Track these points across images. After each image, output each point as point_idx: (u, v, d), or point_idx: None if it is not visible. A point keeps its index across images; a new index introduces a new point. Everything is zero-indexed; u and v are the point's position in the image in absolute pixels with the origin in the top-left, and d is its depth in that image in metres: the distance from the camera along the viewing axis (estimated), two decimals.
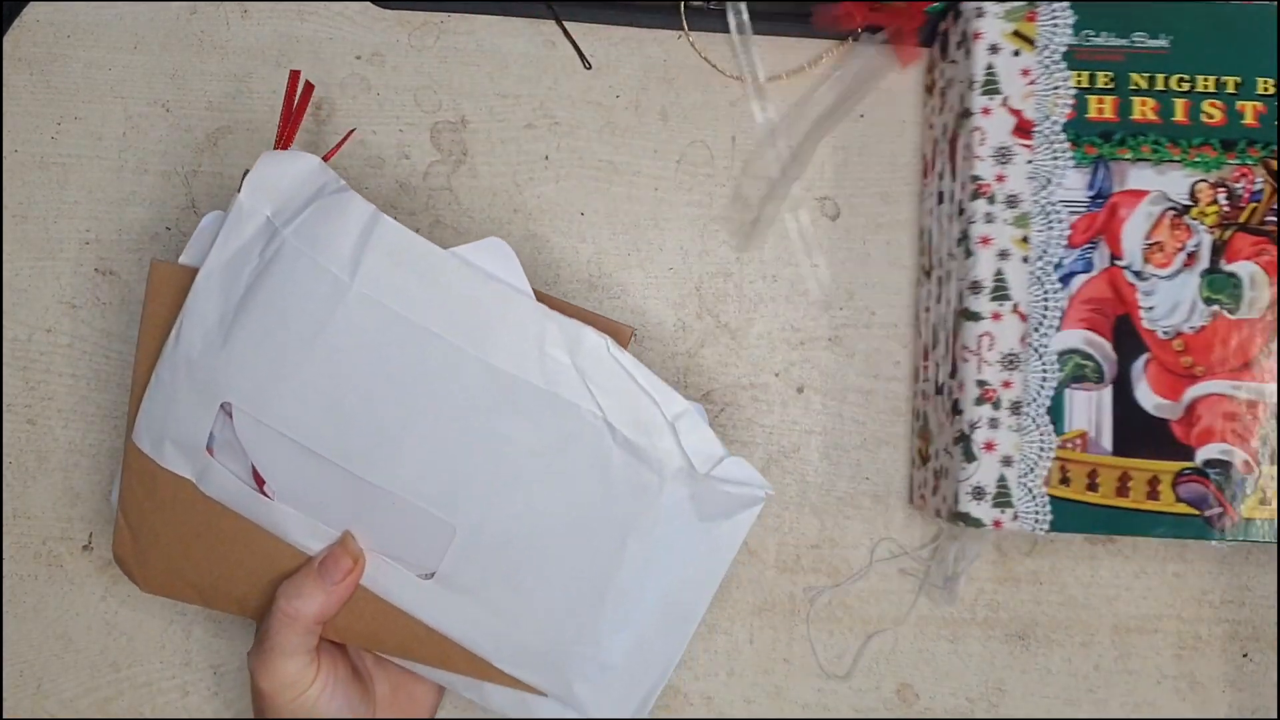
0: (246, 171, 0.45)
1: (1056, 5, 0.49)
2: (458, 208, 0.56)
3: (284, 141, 0.46)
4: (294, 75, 0.47)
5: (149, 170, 0.56)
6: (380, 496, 0.45)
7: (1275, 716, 0.55)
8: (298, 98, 0.47)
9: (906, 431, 0.56)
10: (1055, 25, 0.49)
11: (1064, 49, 0.49)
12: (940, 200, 0.53)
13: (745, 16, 0.54)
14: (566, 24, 0.56)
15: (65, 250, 0.55)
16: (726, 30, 0.56)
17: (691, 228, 0.56)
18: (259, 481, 0.46)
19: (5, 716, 0.54)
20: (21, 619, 0.55)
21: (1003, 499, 0.48)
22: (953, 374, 0.50)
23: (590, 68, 0.57)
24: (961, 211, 0.50)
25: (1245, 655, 0.56)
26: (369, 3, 0.56)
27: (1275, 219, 0.49)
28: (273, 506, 0.45)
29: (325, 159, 0.45)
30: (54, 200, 0.56)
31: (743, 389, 0.56)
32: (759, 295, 0.56)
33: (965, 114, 0.50)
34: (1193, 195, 0.49)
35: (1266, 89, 0.49)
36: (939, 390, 0.52)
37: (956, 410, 0.49)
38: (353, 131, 0.49)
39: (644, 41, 0.57)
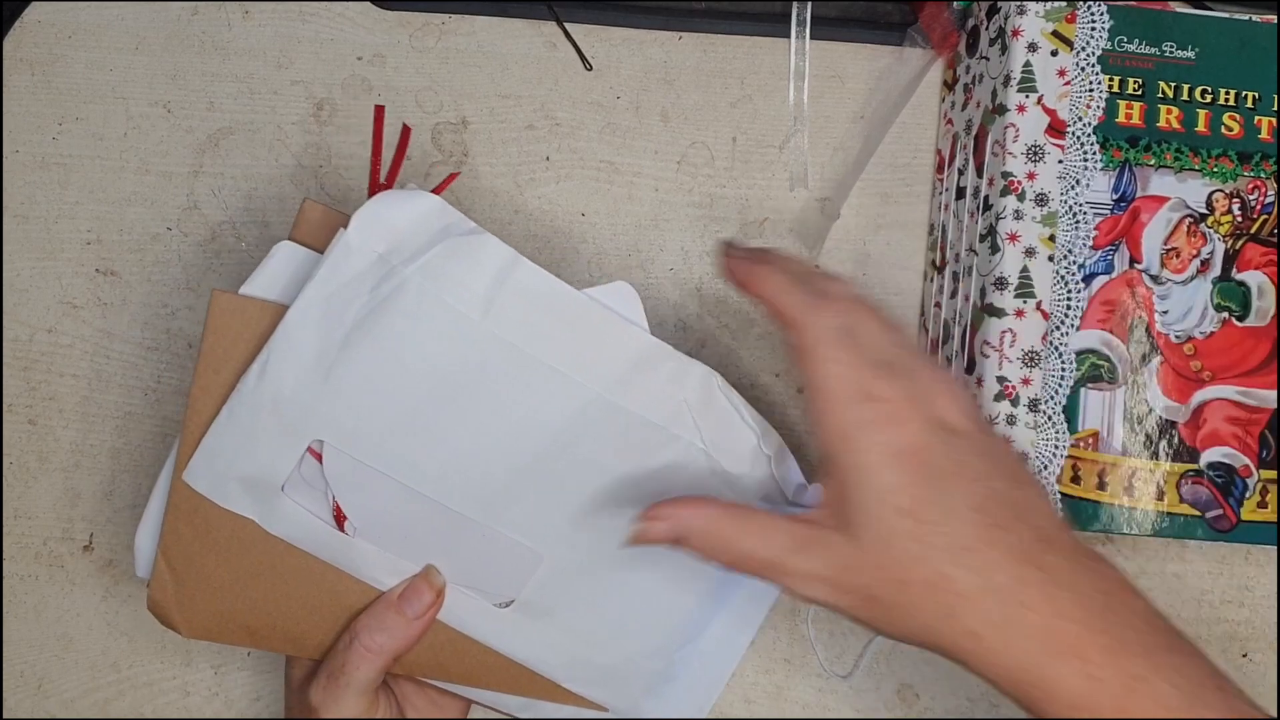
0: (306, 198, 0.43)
1: (1095, 8, 0.50)
2: (459, 209, 0.56)
3: (386, 183, 0.45)
4: (379, 111, 0.47)
5: (150, 171, 0.56)
6: (471, 529, 0.45)
7: (1275, 716, 0.56)
8: (397, 139, 0.46)
9: None
10: (1094, 28, 0.50)
11: (1099, 52, 0.50)
12: (959, 195, 0.53)
13: (808, 15, 0.55)
14: (567, 25, 0.57)
15: (66, 251, 0.56)
16: (718, 32, 0.56)
17: (692, 228, 0.57)
18: (339, 520, 0.45)
19: (5, 717, 0.54)
20: (22, 619, 0.55)
21: None
22: (969, 369, 0.50)
23: (591, 69, 0.57)
24: (988, 207, 0.50)
25: (1245, 655, 0.56)
26: (370, 4, 0.56)
27: None
28: (350, 543, 0.45)
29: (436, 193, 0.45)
30: (55, 200, 0.56)
31: (743, 390, 0.56)
32: None
33: (999, 110, 0.50)
34: (1209, 204, 0.50)
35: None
36: None
37: None
38: (455, 175, 0.49)
39: (644, 42, 0.57)
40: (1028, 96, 0.49)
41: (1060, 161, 0.49)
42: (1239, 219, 0.50)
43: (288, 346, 0.43)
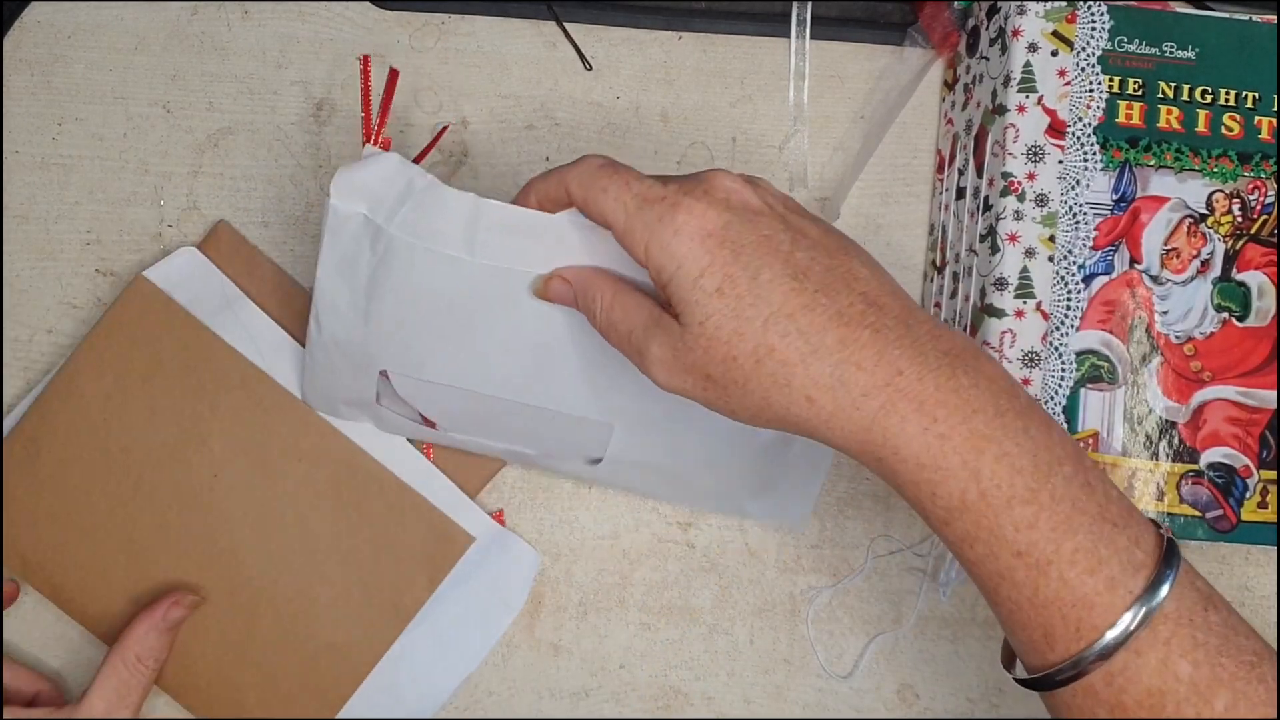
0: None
1: (1096, 8, 0.50)
2: None
3: (376, 135, 0.47)
4: (365, 61, 0.47)
5: (150, 171, 0.56)
6: (539, 414, 0.50)
7: (1275, 716, 0.55)
8: (383, 87, 0.47)
9: None
10: (1094, 29, 0.50)
11: (1099, 53, 0.50)
12: (959, 195, 0.53)
13: (808, 15, 0.55)
14: (567, 25, 0.56)
15: (66, 251, 0.56)
16: (717, 32, 0.56)
17: None
18: (428, 423, 0.52)
19: (5, 717, 0.54)
20: (22, 620, 0.55)
21: None
22: None
23: (591, 69, 0.57)
24: (988, 207, 0.50)
25: None
26: (370, 4, 0.56)
27: None
28: (448, 435, 0.53)
29: (416, 160, 0.46)
30: (55, 201, 0.56)
31: None
32: None
33: (999, 110, 0.50)
34: (1209, 204, 0.50)
35: None
36: None
37: None
38: (445, 130, 0.52)
39: (644, 42, 0.57)
40: (1028, 97, 0.49)
41: (1060, 162, 0.49)
42: (1239, 219, 0.50)
43: (326, 302, 0.48)
